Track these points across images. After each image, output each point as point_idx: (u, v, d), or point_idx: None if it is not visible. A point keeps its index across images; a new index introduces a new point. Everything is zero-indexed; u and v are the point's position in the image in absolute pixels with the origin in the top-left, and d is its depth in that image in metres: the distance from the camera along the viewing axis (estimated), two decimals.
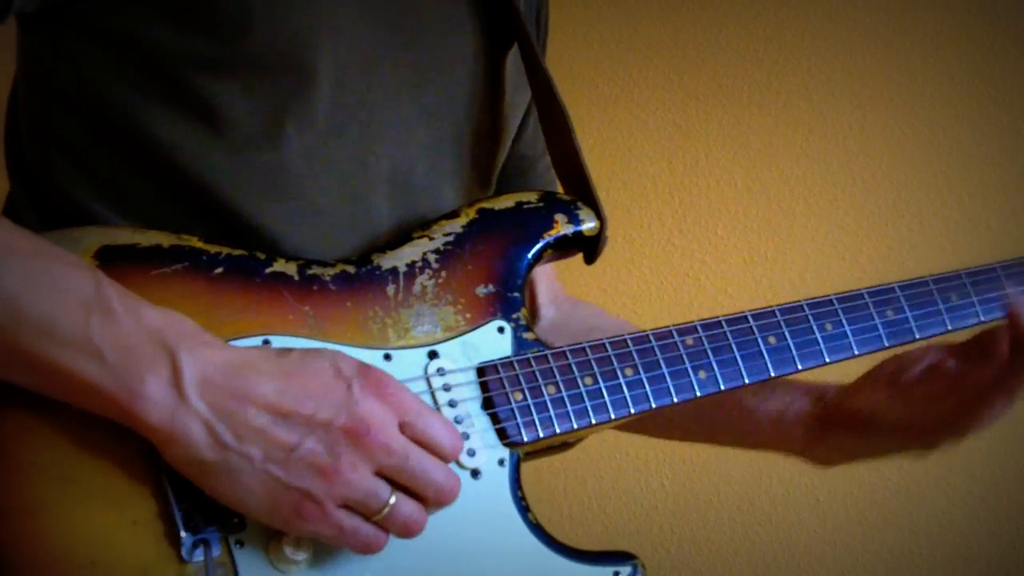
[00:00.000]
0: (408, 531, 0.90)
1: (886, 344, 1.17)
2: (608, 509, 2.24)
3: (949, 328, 1.18)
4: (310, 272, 0.99)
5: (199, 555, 0.88)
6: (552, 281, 1.37)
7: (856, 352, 1.15)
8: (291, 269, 0.99)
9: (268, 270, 0.98)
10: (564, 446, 1.08)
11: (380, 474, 0.89)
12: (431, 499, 0.91)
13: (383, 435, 0.88)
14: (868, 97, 2.20)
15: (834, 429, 1.20)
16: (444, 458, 0.92)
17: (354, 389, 0.88)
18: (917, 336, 1.18)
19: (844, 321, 1.15)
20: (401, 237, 1.06)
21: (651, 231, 2.25)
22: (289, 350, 0.90)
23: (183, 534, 0.88)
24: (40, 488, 0.86)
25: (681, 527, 2.23)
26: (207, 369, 0.86)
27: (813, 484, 2.19)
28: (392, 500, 0.89)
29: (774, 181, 2.22)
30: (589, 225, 1.10)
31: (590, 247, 1.12)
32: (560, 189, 1.20)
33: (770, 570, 2.21)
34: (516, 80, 1.20)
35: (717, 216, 2.24)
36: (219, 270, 0.96)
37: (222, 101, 0.98)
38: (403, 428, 0.90)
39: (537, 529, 1.01)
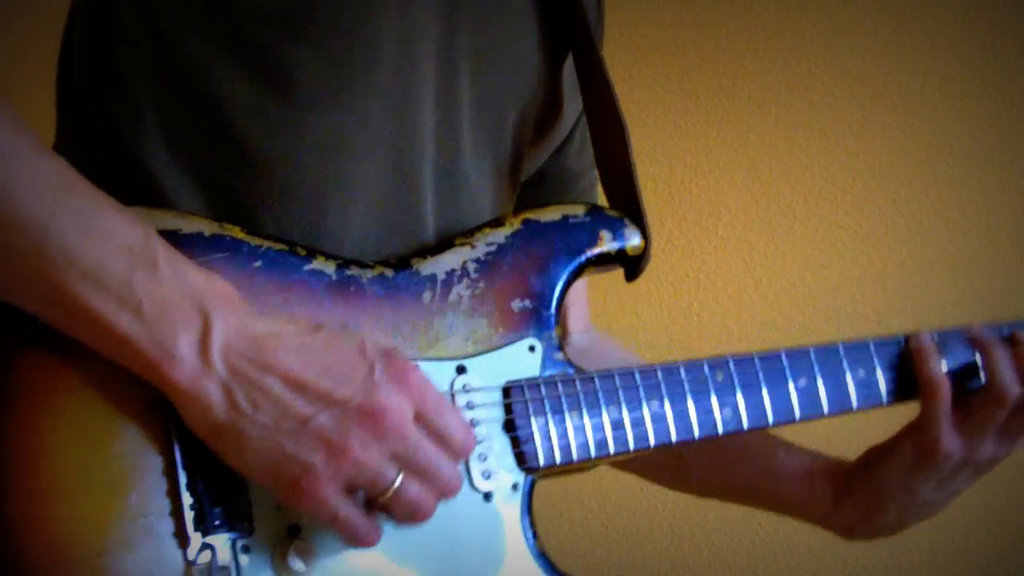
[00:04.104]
0: (415, 514, 0.90)
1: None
2: (608, 508, 2.24)
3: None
4: (348, 272, 0.99)
5: (204, 558, 0.88)
6: (585, 308, 1.36)
7: (885, 402, 1.12)
8: (329, 268, 0.98)
9: (306, 267, 0.97)
10: (582, 469, 1.07)
11: (388, 458, 0.88)
12: (434, 492, 0.91)
13: (397, 422, 0.87)
14: (868, 97, 2.20)
15: (859, 487, 1.17)
16: (455, 456, 0.92)
17: (376, 373, 0.88)
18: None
19: (878, 367, 1.12)
20: (443, 240, 1.05)
21: (651, 231, 2.24)
22: (320, 326, 0.90)
23: (191, 534, 0.88)
24: (64, 472, 0.86)
25: (681, 527, 2.23)
26: (235, 336, 0.86)
27: None
28: (399, 481, 0.88)
29: (774, 181, 2.22)
30: (634, 243, 1.09)
31: (632, 265, 1.10)
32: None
33: (770, 570, 2.21)
34: (569, 92, 1.19)
35: (717, 216, 2.23)
36: (258, 263, 0.95)
37: (287, 59, 0.97)
38: (418, 419, 0.89)
39: (542, 558, 1.00)
